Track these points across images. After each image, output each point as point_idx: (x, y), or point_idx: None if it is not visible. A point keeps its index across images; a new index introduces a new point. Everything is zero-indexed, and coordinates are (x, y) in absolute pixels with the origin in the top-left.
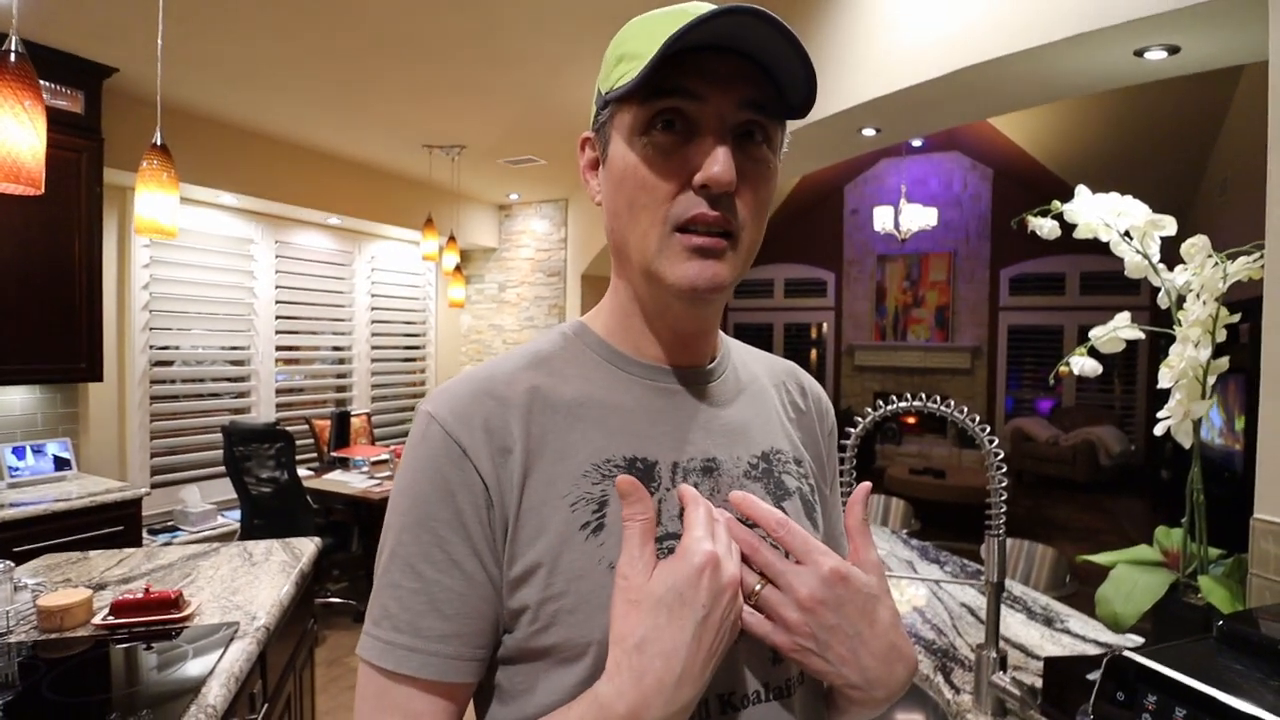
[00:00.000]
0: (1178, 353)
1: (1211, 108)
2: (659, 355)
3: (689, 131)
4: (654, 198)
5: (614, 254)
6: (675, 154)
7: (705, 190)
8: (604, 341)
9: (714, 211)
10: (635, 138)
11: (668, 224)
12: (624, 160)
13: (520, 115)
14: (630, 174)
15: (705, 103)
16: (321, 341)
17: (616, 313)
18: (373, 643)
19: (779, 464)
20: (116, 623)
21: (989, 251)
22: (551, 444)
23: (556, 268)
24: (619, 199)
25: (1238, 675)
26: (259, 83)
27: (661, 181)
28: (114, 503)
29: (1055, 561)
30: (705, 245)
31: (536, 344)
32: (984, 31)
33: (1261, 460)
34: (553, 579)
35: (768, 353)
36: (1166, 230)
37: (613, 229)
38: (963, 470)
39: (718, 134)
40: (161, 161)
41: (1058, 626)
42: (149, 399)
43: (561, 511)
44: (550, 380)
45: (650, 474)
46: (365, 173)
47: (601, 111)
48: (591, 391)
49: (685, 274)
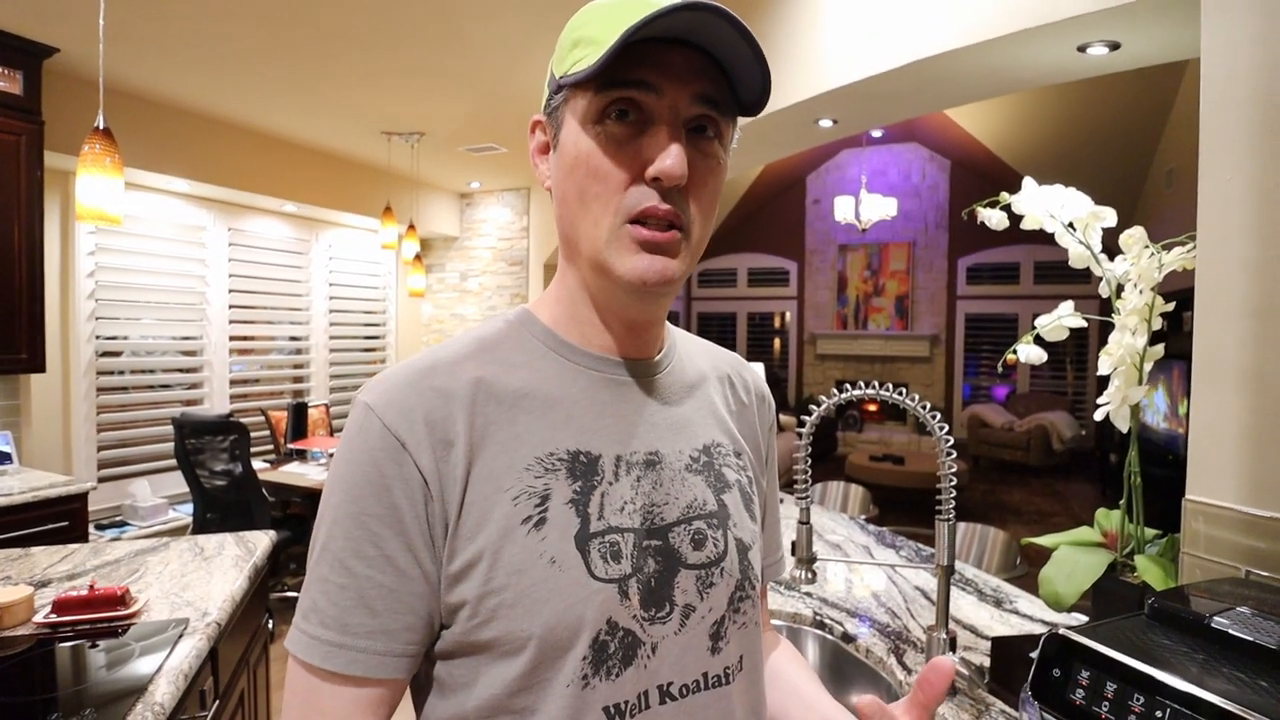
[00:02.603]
0: (1116, 340)
1: (1158, 102)
2: (607, 345)
3: (642, 123)
4: (606, 187)
5: (562, 241)
6: (628, 145)
7: (657, 183)
8: (550, 330)
9: (665, 205)
10: (589, 125)
11: (619, 215)
12: (576, 147)
13: (480, 102)
14: (582, 162)
15: (661, 95)
16: (278, 331)
17: (564, 300)
18: (300, 637)
19: (719, 457)
20: (59, 621)
21: (947, 241)
22: (495, 436)
23: (519, 256)
24: (569, 186)
25: (1165, 650)
26: (208, 65)
27: (614, 170)
28: (58, 497)
29: (1007, 545)
30: (656, 240)
31: (480, 331)
32: (934, 26)
33: (1193, 443)
34: (493, 573)
35: (711, 343)
36: (1107, 222)
37: (562, 216)
38: (921, 456)
39: (671, 127)
40: (105, 145)
41: (1007, 607)
42: (95, 390)
43: (503, 505)
44: (494, 370)
45: (594, 467)
46: (322, 159)
47: (555, 96)
48: (536, 382)
49: (634, 268)
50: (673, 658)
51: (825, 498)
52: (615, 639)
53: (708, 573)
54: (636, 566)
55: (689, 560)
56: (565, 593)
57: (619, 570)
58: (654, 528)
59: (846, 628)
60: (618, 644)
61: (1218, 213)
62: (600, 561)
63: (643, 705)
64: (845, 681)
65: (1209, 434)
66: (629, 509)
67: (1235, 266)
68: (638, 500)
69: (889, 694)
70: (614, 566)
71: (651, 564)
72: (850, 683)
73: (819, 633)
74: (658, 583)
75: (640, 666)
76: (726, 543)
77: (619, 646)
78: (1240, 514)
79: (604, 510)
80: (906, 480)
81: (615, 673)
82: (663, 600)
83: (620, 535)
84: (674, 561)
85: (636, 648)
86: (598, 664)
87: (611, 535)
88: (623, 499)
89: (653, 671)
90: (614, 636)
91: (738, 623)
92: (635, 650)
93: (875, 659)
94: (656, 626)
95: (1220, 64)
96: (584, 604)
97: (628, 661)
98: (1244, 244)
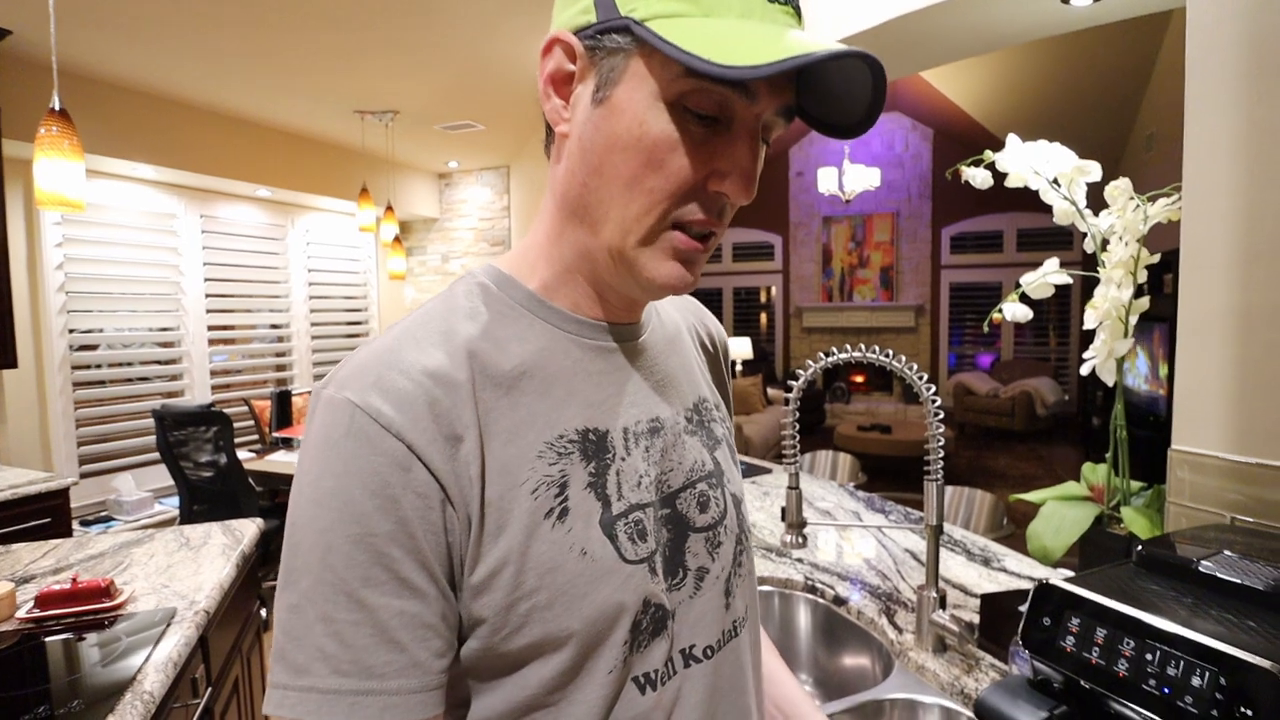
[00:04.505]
0: (1101, 294)
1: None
2: (596, 314)
3: (720, 122)
4: (664, 186)
5: (574, 205)
6: (703, 145)
7: (719, 196)
8: (535, 296)
9: (717, 219)
10: (664, 106)
11: (667, 220)
12: (643, 126)
13: (454, 78)
14: (648, 146)
15: (755, 104)
16: (258, 320)
17: (556, 264)
18: (304, 698)
19: (706, 413)
20: (43, 615)
21: (930, 211)
22: (499, 423)
23: (500, 237)
24: (615, 160)
25: (1153, 595)
26: (168, 45)
27: (679, 172)
28: (38, 494)
29: (993, 506)
30: (692, 250)
31: (450, 301)
32: None
33: (1178, 393)
34: (522, 577)
35: None
36: (1092, 176)
37: (589, 185)
38: (908, 425)
39: (753, 138)
40: (62, 128)
41: (995, 566)
42: (72, 385)
43: (523, 500)
44: (484, 346)
45: (604, 444)
46: (293, 140)
47: (615, 33)
48: (532, 358)
49: (661, 274)
50: (691, 620)
51: (814, 467)
52: (649, 616)
53: (714, 533)
54: (658, 540)
55: (697, 524)
56: (602, 583)
57: (646, 549)
58: (664, 496)
59: (838, 590)
60: (649, 620)
61: (1204, 161)
62: (629, 543)
63: (671, 671)
64: (837, 644)
65: (1194, 384)
66: (645, 482)
67: (1221, 215)
68: (651, 472)
69: (880, 653)
70: (642, 546)
71: (665, 534)
72: (842, 645)
73: (811, 597)
74: (672, 550)
75: (668, 635)
76: (725, 501)
77: (650, 622)
78: (1225, 461)
79: (621, 488)
80: (894, 449)
81: (644, 645)
82: (677, 567)
83: (642, 511)
84: (684, 527)
85: (666, 620)
86: (635, 645)
87: (634, 513)
88: (638, 473)
89: (676, 637)
90: (647, 614)
91: (740, 575)
92: (665, 622)
93: (867, 620)
94: (674, 593)
95: (1207, 5)
96: (621, 590)
97: (657, 633)
98: (1230, 192)
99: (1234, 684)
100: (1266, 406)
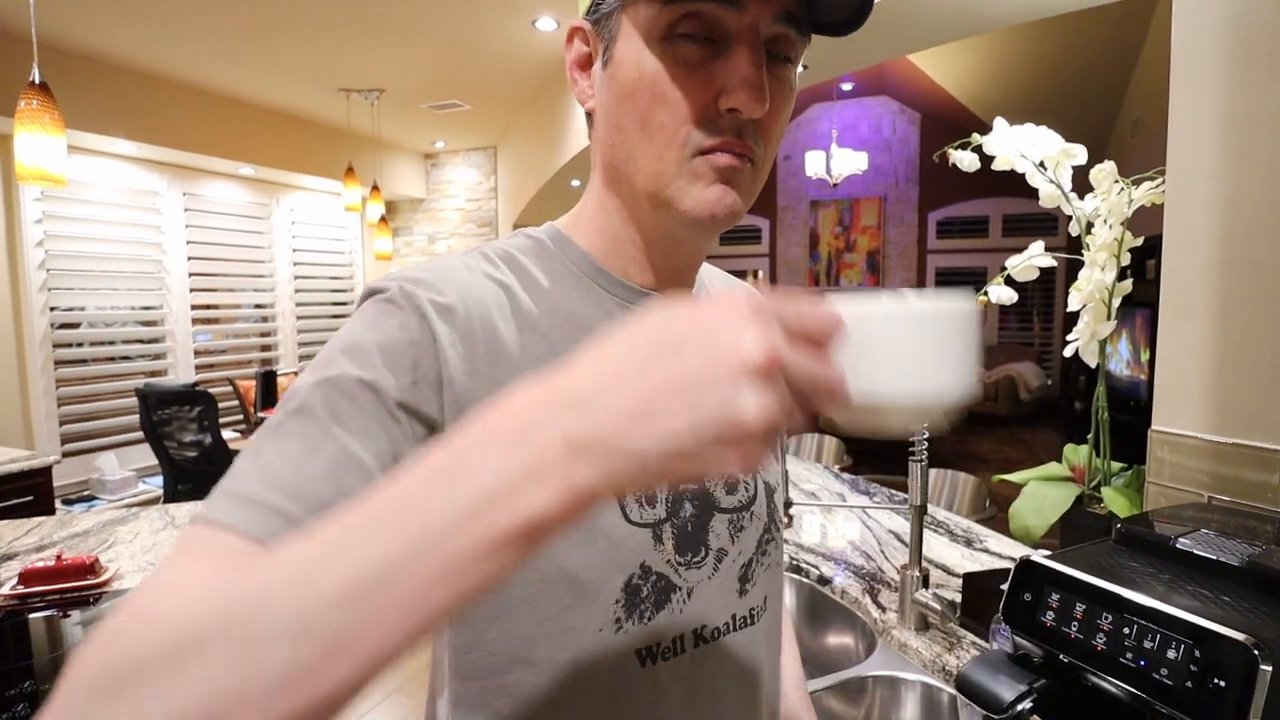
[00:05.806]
0: (1086, 276)
1: (1124, 50)
2: (648, 282)
3: (717, 42)
4: (674, 116)
5: (607, 170)
6: (700, 68)
7: (733, 114)
8: (587, 255)
9: (740, 140)
10: (655, 41)
11: (686, 148)
12: (638, 68)
13: (441, 56)
14: (646, 85)
15: (742, 11)
16: (242, 299)
17: (605, 233)
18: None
19: None
20: (27, 592)
21: (917, 195)
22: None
23: (488, 218)
24: (627, 111)
25: (1133, 571)
26: (150, 19)
27: (684, 99)
28: (19, 472)
29: (976, 488)
30: (727, 169)
31: (501, 243)
32: None
33: (1160, 375)
34: None
35: (725, 272)
36: (1077, 159)
37: (614, 144)
38: None
39: (752, 49)
40: (42, 101)
41: (977, 546)
42: (53, 363)
43: None
44: (523, 283)
45: None
46: (278, 119)
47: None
48: (572, 310)
49: (705, 200)
50: (704, 601)
51: (800, 448)
52: (648, 583)
53: (739, 516)
54: (672, 511)
55: (722, 504)
56: (598, 534)
57: (653, 515)
58: None
59: (823, 570)
60: (650, 588)
61: (1188, 145)
62: (635, 505)
63: (677, 649)
64: (821, 622)
65: (1175, 365)
66: None
67: (1204, 199)
68: None
69: (864, 632)
70: (648, 511)
71: (689, 508)
72: (827, 624)
73: (795, 577)
74: (694, 527)
75: (675, 611)
76: (756, 486)
77: (651, 590)
78: (1203, 441)
79: None
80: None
81: (648, 616)
82: (699, 545)
83: None
84: (709, 505)
85: (670, 592)
86: (630, 607)
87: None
88: None
89: (687, 615)
90: (646, 580)
91: (764, 564)
92: (669, 595)
93: (851, 599)
94: (692, 571)
95: None
96: (617, 547)
97: (660, 605)
98: (1213, 175)
99: (1208, 656)
100: (1244, 388)
